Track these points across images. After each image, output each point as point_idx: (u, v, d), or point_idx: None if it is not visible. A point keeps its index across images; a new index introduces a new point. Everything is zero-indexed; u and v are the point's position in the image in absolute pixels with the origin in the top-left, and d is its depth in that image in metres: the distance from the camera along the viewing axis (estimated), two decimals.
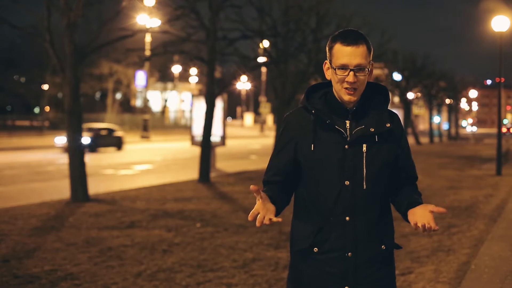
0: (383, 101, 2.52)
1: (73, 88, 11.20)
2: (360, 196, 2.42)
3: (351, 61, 2.37)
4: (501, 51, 18.70)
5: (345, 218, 2.42)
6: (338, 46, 2.40)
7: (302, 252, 2.47)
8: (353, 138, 2.42)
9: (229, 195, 12.18)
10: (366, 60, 2.39)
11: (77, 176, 11.09)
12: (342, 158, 2.41)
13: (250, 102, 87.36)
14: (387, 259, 2.51)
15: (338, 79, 2.40)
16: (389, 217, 2.54)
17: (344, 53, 2.38)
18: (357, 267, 2.43)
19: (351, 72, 2.37)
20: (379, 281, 2.47)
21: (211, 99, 14.95)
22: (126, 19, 16.81)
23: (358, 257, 2.42)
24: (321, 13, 22.49)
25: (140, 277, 5.93)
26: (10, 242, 7.48)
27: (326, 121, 2.43)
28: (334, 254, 2.42)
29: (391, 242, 2.52)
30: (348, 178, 2.41)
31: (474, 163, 23.26)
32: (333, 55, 2.42)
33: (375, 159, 2.44)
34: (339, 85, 2.41)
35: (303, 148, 2.45)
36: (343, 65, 2.38)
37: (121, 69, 51.20)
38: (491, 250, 7.17)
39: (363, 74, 2.40)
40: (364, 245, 2.43)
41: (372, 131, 2.43)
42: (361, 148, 2.42)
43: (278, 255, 6.91)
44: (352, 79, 2.37)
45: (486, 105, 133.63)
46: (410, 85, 43.00)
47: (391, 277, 2.55)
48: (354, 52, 2.37)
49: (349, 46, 2.38)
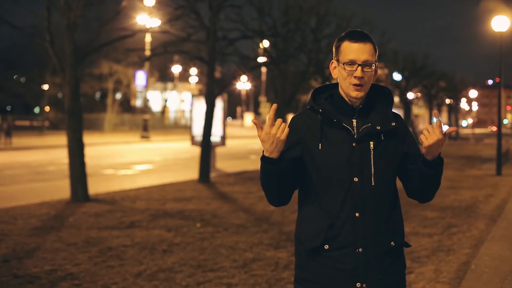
0: (387, 101, 2.59)
1: (73, 88, 11.20)
2: (369, 192, 2.46)
3: (358, 56, 2.46)
4: (501, 51, 18.70)
5: (354, 214, 2.45)
6: (346, 44, 2.49)
7: (313, 251, 2.49)
8: (360, 135, 2.48)
9: (229, 195, 12.18)
10: (372, 57, 2.48)
11: (77, 176, 11.09)
12: (350, 155, 2.46)
13: (250, 102, 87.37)
14: (397, 256, 2.54)
15: (347, 74, 2.47)
16: (398, 214, 2.58)
17: (352, 49, 2.47)
18: (368, 263, 2.46)
19: (359, 67, 2.45)
20: (389, 278, 2.50)
21: (211, 99, 14.95)
22: (126, 19, 16.82)
23: (369, 253, 2.46)
24: (321, 13, 22.52)
25: (140, 277, 5.94)
26: (10, 242, 7.48)
27: (333, 120, 2.49)
28: (345, 250, 2.45)
29: (401, 240, 2.55)
30: (357, 174, 2.45)
31: (474, 163, 23.26)
32: (341, 52, 2.50)
33: (382, 156, 2.49)
34: (347, 81, 2.48)
35: (311, 148, 2.49)
36: (351, 61, 2.46)
37: (121, 69, 51.14)
38: (491, 250, 7.17)
39: (370, 70, 2.47)
40: (374, 241, 2.46)
41: (379, 129, 2.49)
42: (369, 145, 2.48)
43: (278, 255, 6.91)
44: (360, 74, 2.45)
45: (486, 105, 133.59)
46: (410, 85, 42.95)
47: (401, 274, 2.57)
48: (362, 49, 2.46)
49: (356, 42, 2.47)
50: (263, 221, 9.15)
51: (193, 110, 19.02)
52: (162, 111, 67.45)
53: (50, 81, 49.60)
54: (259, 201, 11.19)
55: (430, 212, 10.33)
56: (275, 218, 9.39)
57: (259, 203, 10.87)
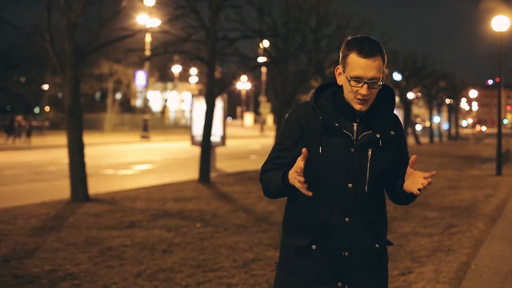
0: (389, 105, 2.55)
1: (73, 88, 11.20)
2: (362, 198, 2.46)
3: (366, 74, 2.36)
4: (501, 51, 18.70)
5: (344, 219, 2.46)
6: (354, 57, 2.37)
7: (300, 249, 2.51)
8: (359, 143, 2.44)
9: (229, 195, 12.18)
10: (380, 73, 2.38)
11: (77, 176, 11.09)
12: (348, 161, 2.44)
13: (250, 102, 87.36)
14: (380, 256, 2.57)
15: (351, 90, 2.40)
16: (385, 217, 2.60)
17: (360, 65, 2.36)
18: (353, 266, 2.48)
19: (365, 84, 2.36)
20: (371, 277, 2.53)
21: (211, 99, 14.95)
22: (126, 19, 16.78)
23: (354, 256, 2.47)
24: (321, 13, 22.50)
25: (140, 277, 5.93)
26: (10, 242, 7.48)
27: (334, 125, 2.44)
28: (332, 253, 2.47)
29: (384, 240, 2.58)
30: (352, 181, 2.44)
31: (474, 163, 23.26)
32: (348, 65, 2.40)
33: (378, 163, 2.47)
34: (352, 94, 2.41)
35: (310, 149, 2.43)
36: (358, 77, 2.37)
37: (121, 69, 51.16)
38: (491, 250, 7.17)
39: (377, 87, 2.39)
40: (361, 245, 2.48)
41: (378, 137, 2.46)
42: (367, 153, 2.45)
43: (278, 255, 6.90)
44: (366, 92, 2.37)
45: (486, 105, 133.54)
46: (410, 85, 42.93)
47: (383, 269, 2.60)
48: (370, 65, 2.35)
49: (365, 58, 2.35)
50: (263, 221, 9.15)
51: (193, 110, 19.02)
52: (162, 111, 67.46)
53: (50, 81, 49.63)
54: (259, 201, 11.19)
55: (430, 212, 10.33)
56: (275, 218, 9.40)
57: (259, 203, 10.87)
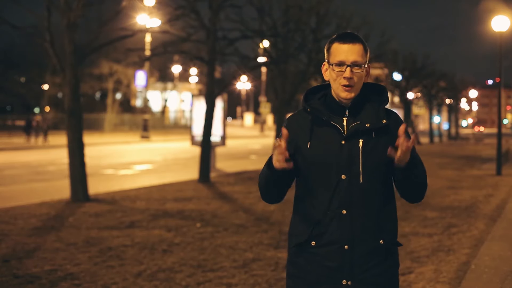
0: (380, 99, 2.59)
1: (73, 88, 11.20)
2: (357, 190, 2.47)
3: (347, 57, 2.48)
4: (501, 51, 18.70)
5: (341, 211, 2.47)
6: (336, 45, 2.53)
7: (300, 247, 2.53)
8: (349, 133, 2.49)
9: (229, 195, 12.18)
10: (362, 58, 2.50)
11: (77, 176, 11.09)
12: (339, 153, 2.48)
13: (250, 102, 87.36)
14: (387, 255, 2.52)
15: (336, 75, 2.50)
16: (391, 212, 2.57)
17: (341, 50, 2.50)
18: (354, 261, 2.47)
19: (348, 67, 2.47)
20: (376, 277, 2.49)
21: (211, 99, 14.95)
22: (126, 19, 16.82)
23: (355, 250, 2.46)
24: (321, 13, 22.49)
25: (140, 277, 5.94)
26: (10, 242, 7.48)
27: (322, 118, 2.52)
28: (332, 247, 2.47)
29: (392, 239, 2.54)
30: (345, 172, 2.47)
31: (474, 163, 23.25)
32: (331, 54, 2.53)
33: (372, 154, 2.49)
34: (337, 82, 2.51)
35: (301, 147, 2.53)
36: (340, 62, 2.49)
37: (121, 69, 51.17)
38: (491, 250, 7.17)
39: (360, 71, 2.49)
40: (361, 238, 2.47)
41: (368, 126, 2.49)
42: (357, 143, 2.49)
43: (278, 255, 6.91)
44: (349, 74, 2.47)
45: (486, 105, 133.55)
46: (410, 85, 42.98)
47: (392, 273, 2.55)
48: (351, 49, 2.49)
49: (345, 43, 2.50)
50: (263, 221, 9.15)
51: (193, 110, 19.02)
52: (162, 111, 67.47)
53: (50, 81, 49.62)
54: (259, 201, 11.19)
55: (430, 212, 10.33)
56: (275, 218, 9.40)
57: (259, 203, 10.87)
